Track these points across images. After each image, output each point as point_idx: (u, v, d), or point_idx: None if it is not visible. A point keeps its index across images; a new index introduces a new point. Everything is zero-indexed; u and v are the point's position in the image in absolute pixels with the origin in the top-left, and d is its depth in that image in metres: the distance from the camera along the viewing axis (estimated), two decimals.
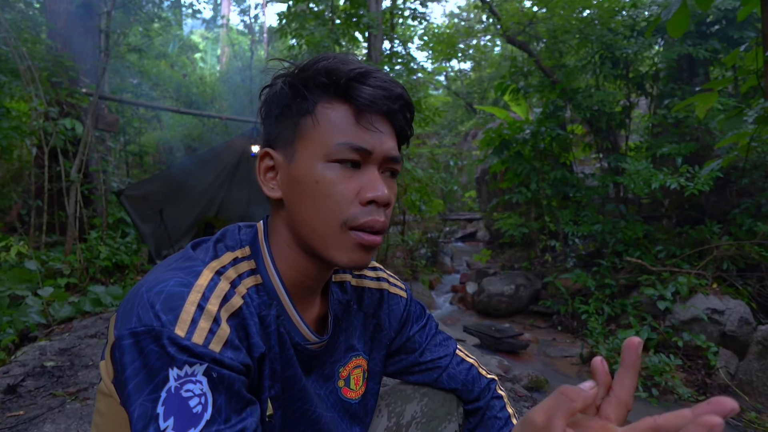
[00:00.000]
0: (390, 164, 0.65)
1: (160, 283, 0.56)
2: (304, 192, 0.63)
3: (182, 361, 0.52)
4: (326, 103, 0.63)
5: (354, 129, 0.62)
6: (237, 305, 0.61)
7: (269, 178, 0.67)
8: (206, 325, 0.55)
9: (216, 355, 0.54)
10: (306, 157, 0.63)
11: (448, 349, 0.89)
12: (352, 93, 0.62)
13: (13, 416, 2.08)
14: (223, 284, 0.60)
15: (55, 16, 6.02)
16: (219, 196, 6.93)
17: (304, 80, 0.64)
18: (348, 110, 0.62)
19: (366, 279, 0.84)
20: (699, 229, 4.68)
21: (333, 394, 0.76)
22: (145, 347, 0.52)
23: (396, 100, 0.64)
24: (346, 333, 0.79)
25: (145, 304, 0.54)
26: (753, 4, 2.11)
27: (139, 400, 0.50)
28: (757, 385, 3.35)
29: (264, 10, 19.62)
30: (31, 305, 3.40)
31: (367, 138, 0.62)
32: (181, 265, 0.61)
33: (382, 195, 0.62)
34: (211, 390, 0.52)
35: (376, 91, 0.62)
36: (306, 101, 0.64)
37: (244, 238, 0.69)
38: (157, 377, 0.51)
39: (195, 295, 0.56)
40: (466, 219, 11.62)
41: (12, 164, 6.14)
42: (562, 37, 6.21)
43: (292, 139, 0.64)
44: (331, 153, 0.61)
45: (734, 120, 2.65)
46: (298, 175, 0.63)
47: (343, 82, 0.62)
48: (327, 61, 0.63)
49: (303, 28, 5.31)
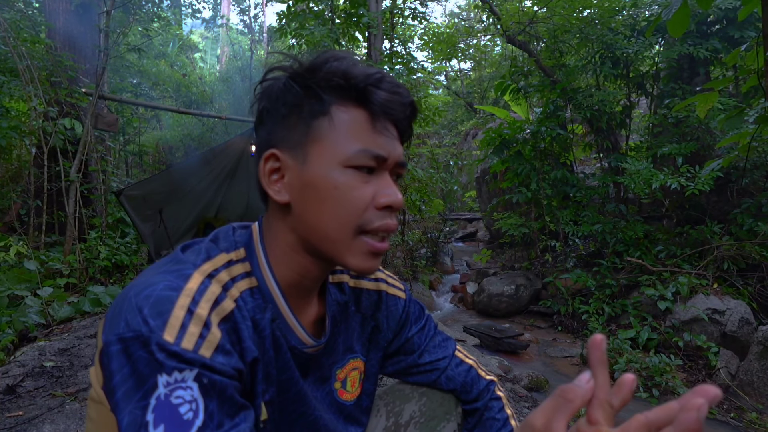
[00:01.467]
0: (399, 169, 0.66)
1: (148, 286, 0.55)
2: (318, 197, 0.61)
3: (171, 367, 0.50)
4: (341, 105, 0.62)
5: (371, 135, 0.62)
6: (228, 309, 0.59)
7: (274, 180, 0.65)
8: (196, 329, 0.54)
9: (206, 361, 0.53)
10: (321, 161, 0.61)
11: (447, 351, 0.88)
12: (370, 98, 0.61)
13: (12, 417, 2.08)
14: (213, 287, 0.59)
15: (54, 15, 6.01)
16: (218, 196, 6.92)
17: (318, 81, 0.62)
18: (363, 115, 0.62)
19: (364, 280, 0.83)
20: (699, 229, 4.68)
21: (329, 395, 0.76)
22: (133, 353, 0.51)
23: (408, 107, 0.64)
24: (345, 335, 0.78)
25: (133, 308, 0.53)
26: (753, 4, 2.10)
27: (128, 408, 0.49)
28: (758, 385, 3.35)
29: (264, 9, 19.61)
30: (31, 305, 3.39)
31: (383, 144, 0.62)
32: (171, 269, 0.59)
33: (397, 200, 0.63)
34: (202, 396, 0.51)
35: (392, 97, 0.62)
36: (321, 103, 0.62)
37: (238, 240, 0.68)
38: (146, 384, 0.50)
39: (184, 299, 0.55)
40: (466, 219, 11.62)
41: (11, 164, 6.14)
42: (563, 37, 6.21)
43: (303, 141, 0.62)
44: (349, 159, 0.61)
45: (735, 120, 2.64)
46: (312, 179, 0.61)
47: (362, 86, 0.61)
48: (339, 62, 0.62)
49: (303, 27, 5.31)
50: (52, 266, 4.22)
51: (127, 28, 5.38)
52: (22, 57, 4.50)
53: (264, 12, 19.80)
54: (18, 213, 5.62)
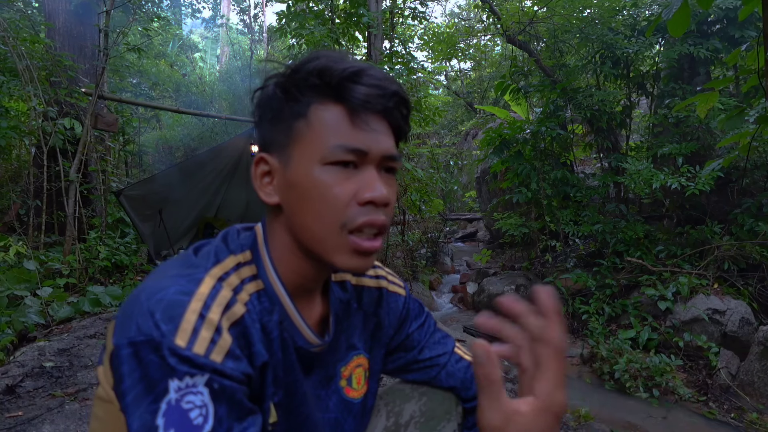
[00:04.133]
0: (388, 162, 0.64)
1: (160, 290, 0.55)
2: (301, 197, 0.62)
3: (183, 372, 0.51)
4: (320, 104, 0.62)
5: (349, 130, 0.61)
6: (239, 313, 0.60)
7: (266, 183, 0.66)
8: (208, 334, 0.54)
9: (217, 366, 0.53)
10: (302, 162, 0.62)
11: (446, 347, 0.89)
12: (346, 93, 0.60)
13: (12, 417, 2.07)
14: (225, 292, 0.59)
15: (53, 15, 6.01)
16: (218, 196, 6.93)
17: (296, 82, 0.63)
18: (342, 111, 0.61)
19: (365, 278, 0.84)
20: (700, 229, 4.68)
21: (335, 394, 0.76)
22: (144, 357, 0.51)
23: (391, 98, 0.62)
24: (347, 332, 0.78)
25: (144, 312, 0.53)
26: (754, 4, 2.09)
27: (138, 412, 0.50)
28: (759, 385, 3.35)
29: (264, 9, 19.61)
30: (30, 305, 3.39)
31: (362, 138, 0.61)
32: (183, 272, 0.60)
33: (380, 195, 0.61)
34: (213, 401, 0.51)
35: (370, 90, 0.60)
36: (299, 104, 0.62)
37: (244, 243, 0.68)
38: (157, 388, 0.50)
39: (196, 303, 0.55)
40: (466, 219, 11.61)
41: (11, 164, 6.14)
42: (563, 37, 6.21)
43: (286, 144, 0.63)
44: (326, 156, 0.60)
45: (735, 119, 2.63)
46: (295, 179, 0.62)
47: (336, 83, 0.61)
48: (318, 61, 0.62)
49: (303, 27, 5.30)
50: (52, 266, 4.22)
51: (126, 28, 5.38)
52: (21, 57, 4.50)
53: (264, 12, 19.79)
54: (17, 213, 5.62)
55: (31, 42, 5.00)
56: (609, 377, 3.73)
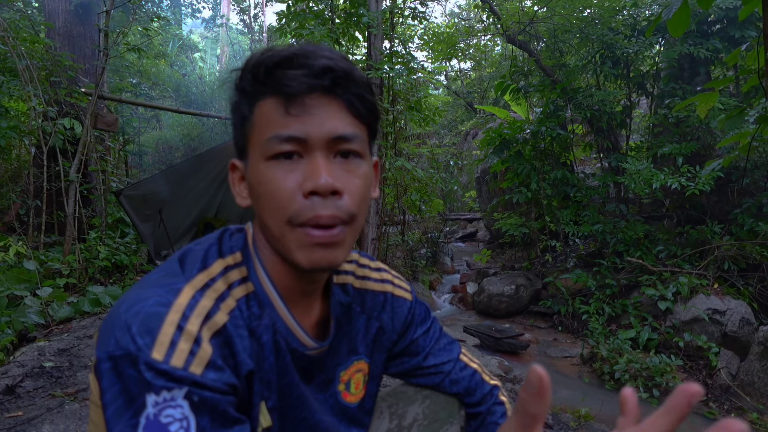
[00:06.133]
0: (340, 145, 0.59)
1: (138, 302, 0.55)
2: (255, 195, 0.61)
3: (160, 386, 0.50)
4: (260, 101, 0.60)
5: (283, 119, 0.58)
6: (221, 322, 0.58)
7: (242, 188, 0.66)
8: (186, 346, 0.53)
9: (197, 378, 0.52)
10: (252, 161, 0.61)
11: (451, 354, 0.87)
12: (275, 82, 0.58)
13: (11, 417, 2.07)
14: (205, 302, 0.58)
15: (53, 15, 6.00)
16: (218, 196, 6.91)
17: (242, 84, 0.62)
18: (277, 101, 0.58)
19: (369, 281, 0.82)
20: (700, 229, 4.68)
21: (332, 397, 0.75)
22: (122, 371, 0.51)
23: (323, 75, 0.57)
24: (349, 336, 0.77)
25: (122, 325, 0.53)
26: (754, 4, 2.09)
27: (119, 426, 0.49)
28: (759, 385, 3.35)
29: (264, 9, 19.60)
30: (30, 305, 3.38)
31: (296, 125, 0.57)
32: (162, 282, 0.58)
33: (323, 183, 0.56)
34: (194, 413, 0.51)
35: (297, 72, 0.57)
36: (245, 105, 0.61)
37: (234, 244, 0.67)
38: (136, 403, 0.50)
39: (174, 315, 0.54)
40: (466, 219, 11.61)
41: (11, 164, 6.13)
42: (563, 37, 6.21)
43: (244, 146, 0.63)
44: (265, 150, 0.58)
45: (735, 119, 2.63)
46: (250, 180, 0.62)
47: (264, 75, 0.58)
48: (258, 57, 0.60)
49: (303, 27, 5.30)
50: (52, 266, 4.21)
51: (126, 28, 5.37)
52: (21, 57, 4.49)
53: (264, 12, 19.79)
54: (17, 213, 5.61)
55: (31, 42, 5.00)
56: (609, 377, 3.73)
